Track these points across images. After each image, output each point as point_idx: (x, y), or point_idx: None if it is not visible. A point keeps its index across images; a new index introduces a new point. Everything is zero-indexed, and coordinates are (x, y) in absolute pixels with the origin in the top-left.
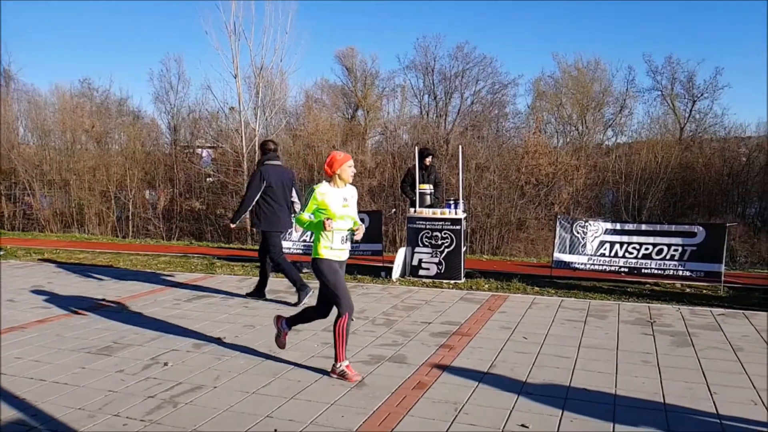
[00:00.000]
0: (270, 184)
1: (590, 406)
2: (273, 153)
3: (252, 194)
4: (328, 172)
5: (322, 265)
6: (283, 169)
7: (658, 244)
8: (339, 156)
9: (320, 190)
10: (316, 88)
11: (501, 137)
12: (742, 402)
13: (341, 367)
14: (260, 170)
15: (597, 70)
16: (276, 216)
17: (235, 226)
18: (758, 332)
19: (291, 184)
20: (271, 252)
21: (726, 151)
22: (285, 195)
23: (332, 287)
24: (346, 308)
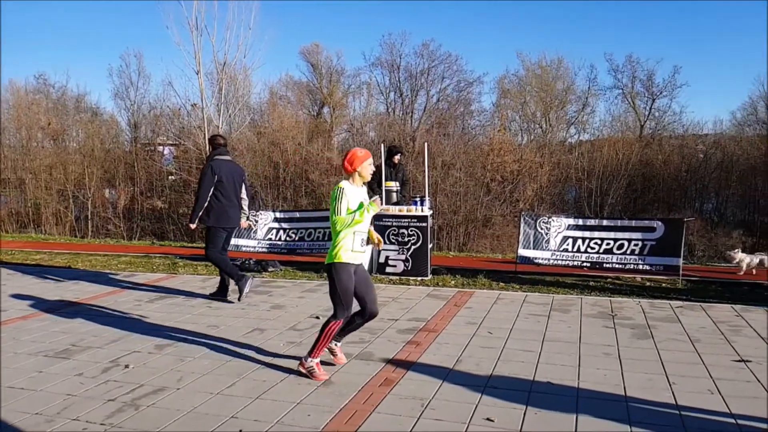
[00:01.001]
0: (221, 179)
1: (554, 398)
2: (223, 148)
3: (206, 190)
4: (348, 169)
5: (341, 269)
6: (233, 164)
7: (619, 239)
8: (360, 153)
9: (346, 189)
10: (281, 84)
11: (467, 135)
12: (700, 391)
13: (312, 363)
14: (211, 165)
15: (560, 69)
16: (224, 212)
17: (195, 225)
18: (715, 324)
19: (241, 181)
20: (208, 247)
21: (684, 148)
22: (235, 191)
23: (341, 291)
24: (343, 315)
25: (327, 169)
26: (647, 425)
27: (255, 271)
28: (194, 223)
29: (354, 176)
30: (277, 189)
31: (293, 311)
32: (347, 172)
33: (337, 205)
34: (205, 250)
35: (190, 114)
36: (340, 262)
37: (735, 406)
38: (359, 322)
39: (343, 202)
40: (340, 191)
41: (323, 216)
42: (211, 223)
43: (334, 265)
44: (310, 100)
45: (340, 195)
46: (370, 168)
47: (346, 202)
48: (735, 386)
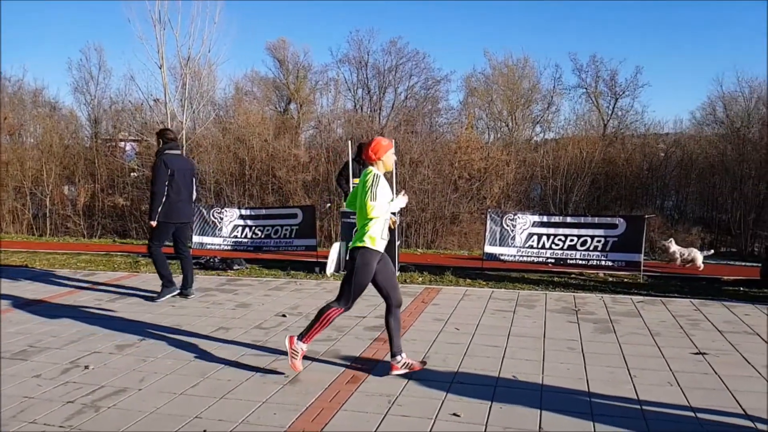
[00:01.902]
0: (173, 173)
1: (519, 393)
2: (173, 142)
3: (161, 184)
4: (372, 158)
5: (369, 255)
6: (184, 159)
7: (583, 235)
8: (384, 142)
9: (380, 175)
10: (247, 80)
11: (434, 132)
12: (660, 384)
13: (299, 347)
14: (162, 159)
15: (526, 68)
16: (175, 207)
17: (156, 223)
18: (674, 318)
19: (192, 175)
20: (151, 242)
21: (646, 147)
22: (187, 186)
23: (356, 282)
24: (345, 306)
25: (294, 166)
26: (609, 418)
27: (220, 270)
28: (155, 220)
29: (378, 165)
30: (243, 186)
31: (259, 310)
32: (371, 161)
33: (372, 190)
34: (148, 244)
35: (153, 109)
36: (374, 249)
37: (693, 398)
38: (391, 320)
39: (379, 188)
40: (376, 177)
41: (290, 213)
42: (160, 218)
43: (363, 249)
44: (276, 96)
45: (376, 181)
46: (393, 157)
47: (382, 189)
48: (693, 378)
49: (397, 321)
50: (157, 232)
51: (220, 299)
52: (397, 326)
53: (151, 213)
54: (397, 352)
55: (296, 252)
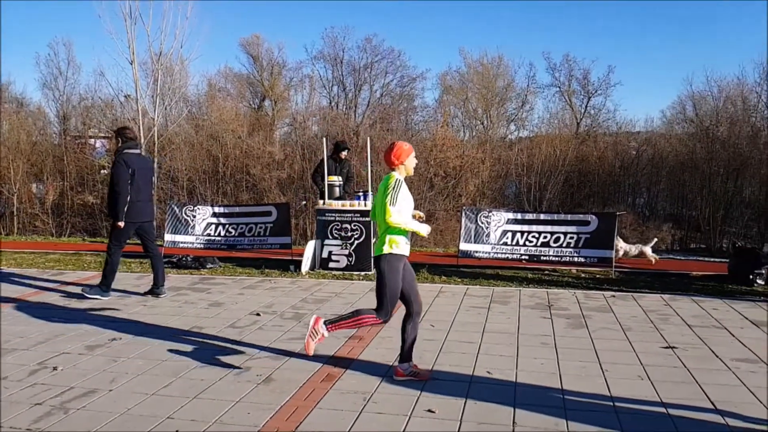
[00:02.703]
0: (133, 173)
1: (493, 389)
2: (132, 141)
3: (125, 184)
4: (394, 163)
5: (395, 261)
6: (143, 158)
7: (556, 232)
8: (405, 146)
9: (401, 180)
10: (220, 76)
11: (410, 130)
12: (631, 377)
13: (321, 330)
14: (123, 159)
15: (500, 67)
16: (136, 207)
17: (123, 223)
18: (645, 312)
19: (151, 174)
20: (111, 242)
21: (618, 145)
22: (147, 185)
23: (390, 288)
24: (384, 317)
25: (269, 164)
26: (581, 413)
27: (193, 268)
28: (122, 221)
29: (400, 169)
30: (216, 183)
31: (233, 308)
32: (393, 165)
33: (393, 194)
34: (108, 245)
35: (124, 105)
36: (400, 254)
37: (663, 391)
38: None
39: (400, 194)
40: (398, 182)
41: (264, 211)
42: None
43: (388, 256)
44: (250, 93)
45: (398, 185)
46: (414, 160)
47: (403, 195)
48: (663, 372)
49: (415, 329)
50: (119, 232)
51: (193, 298)
52: (413, 334)
53: (117, 214)
54: (406, 359)
55: (271, 250)
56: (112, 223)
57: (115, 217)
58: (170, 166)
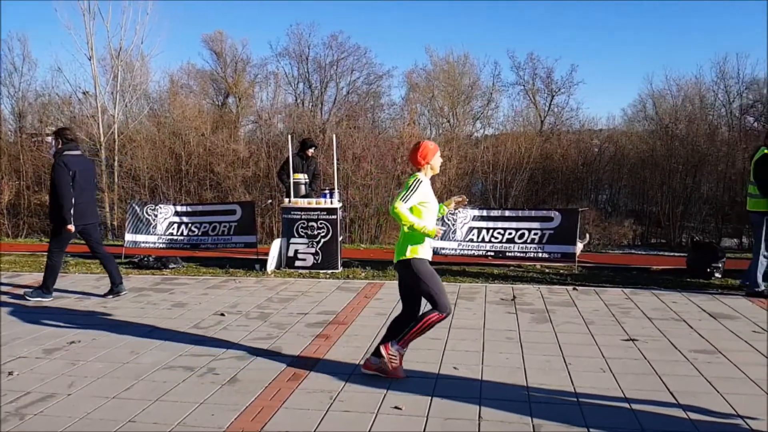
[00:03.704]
0: (74, 174)
1: (459, 384)
2: (73, 143)
3: (67, 187)
4: (420, 163)
5: (421, 265)
6: (85, 159)
7: (520, 228)
8: (431, 145)
9: (425, 182)
10: (183, 72)
11: (377, 128)
12: (593, 370)
13: (396, 351)
14: (62, 161)
15: (466, 65)
16: (78, 209)
17: (74, 227)
18: (607, 306)
19: (93, 175)
20: (52, 246)
21: (581, 143)
22: (89, 186)
23: (434, 287)
24: (446, 308)
25: (233, 161)
26: (545, 405)
27: (155, 269)
28: (71, 223)
29: (425, 169)
30: (179, 182)
31: (196, 309)
32: (419, 165)
33: (408, 194)
34: (50, 248)
35: (82, 102)
36: (419, 257)
37: (624, 383)
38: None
39: (416, 196)
40: (417, 182)
41: (229, 209)
42: (62, 221)
43: (414, 261)
44: (214, 90)
45: (416, 186)
46: (440, 160)
47: (419, 196)
48: (624, 364)
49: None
50: (61, 236)
51: (155, 299)
52: (399, 333)
53: (64, 217)
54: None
55: (235, 249)
56: (54, 226)
57: (62, 221)
58: (131, 164)
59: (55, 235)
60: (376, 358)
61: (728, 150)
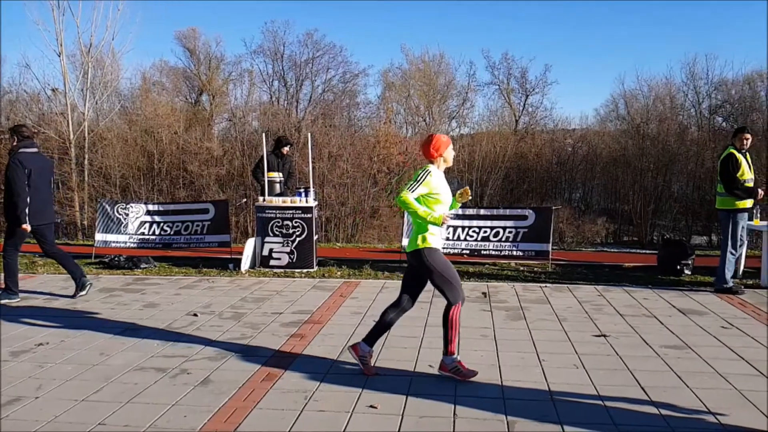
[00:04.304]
0: (30, 173)
1: (434, 382)
2: (29, 140)
3: (23, 186)
4: (433, 155)
5: (434, 255)
6: (42, 156)
7: (495, 227)
8: (444, 138)
9: (436, 174)
10: (155, 70)
11: (353, 126)
12: (567, 367)
13: (453, 362)
14: (18, 159)
15: (441, 64)
16: (32, 208)
17: (29, 226)
18: (580, 303)
19: (51, 174)
20: (7, 245)
21: (554, 142)
22: (46, 185)
23: (449, 276)
24: (460, 297)
25: (207, 160)
26: (519, 401)
27: (126, 269)
28: (26, 223)
29: (438, 162)
30: (151, 180)
31: (168, 309)
32: (432, 158)
33: (415, 184)
34: (5, 248)
35: (51, 99)
36: (431, 247)
37: (597, 379)
38: (393, 316)
39: (423, 186)
40: (425, 173)
41: (202, 208)
42: (31, 222)
43: (425, 251)
44: (187, 87)
45: (425, 176)
46: (452, 152)
47: (427, 187)
48: (597, 360)
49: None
50: (15, 236)
51: (126, 300)
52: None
53: (19, 216)
54: (371, 343)
55: (209, 249)
56: (8, 225)
57: (16, 221)
58: (102, 162)
59: (9, 234)
60: (448, 358)
61: (698, 149)
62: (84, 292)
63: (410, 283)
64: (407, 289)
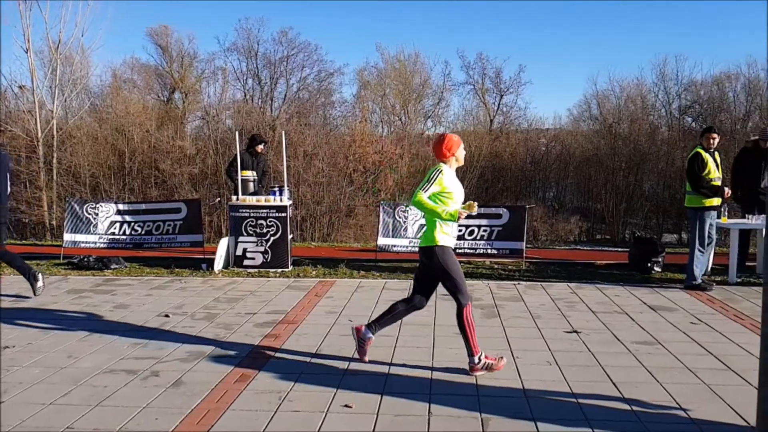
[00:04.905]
0: None
1: (409, 380)
2: None
3: None
4: (446, 155)
5: (445, 254)
6: None
7: (470, 225)
8: (455, 138)
9: (447, 173)
10: (126, 67)
11: (328, 125)
12: (540, 363)
13: (480, 360)
14: None
15: (417, 63)
16: None
17: None
18: (553, 301)
19: (7, 170)
20: None
21: (529, 142)
22: (1, 183)
23: (457, 277)
24: (468, 298)
25: (179, 159)
26: (493, 399)
27: (95, 269)
28: None
29: (450, 161)
30: (122, 180)
31: (139, 310)
32: (444, 158)
33: (427, 184)
34: None
35: (19, 97)
36: (443, 246)
37: (569, 375)
38: (401, 310)
39: (435, 186)
40: (438, 173)
41: (173, 207)
42: None
43: (436, 248)
44: (159, 85)
45: (436, 176)
46: (463, 152)
47: (440, 186)
48: (570, 356)
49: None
50: None
51: (96, 301)
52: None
53: None
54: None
55: (181, 249)
56: None
57: None
58: (71, 161)
59: None
60: (474, 358)
61: (668, 149)
62: (40, 282)
63: (422, 281)
64: (419, 287)
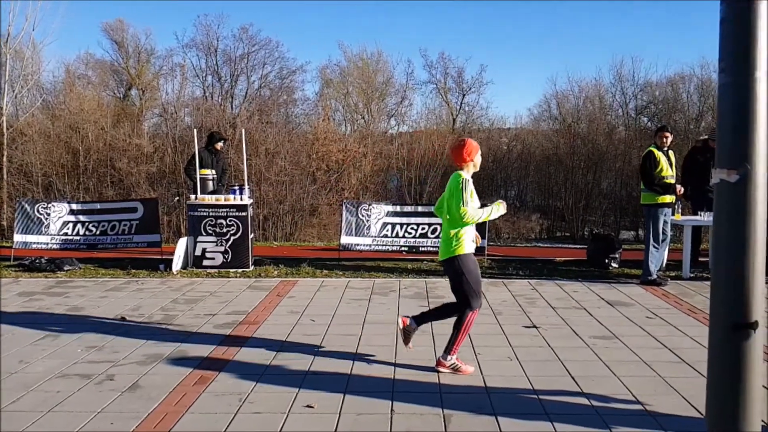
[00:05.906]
0: None
1: (372, 380)
2: None
3: None
4: (465, 159)
5: (469, 260)
6: None
7: (433, 223)
8: (474, 143)
9: (469, 179)
10: (80, 62)
11: (291, 123)
12: (501, 359)
13: (453, 360)
14: None
15: (379, 62)
16: None
17: None
18: (514, 297)
19: None
20: None
21: (490, 140)
22: None
23: (472, 281)
24: (477, 304)
25: (136, 157)
26: (455, 395)
27: (48, 271)
28: None
29: (468, 167)
30: (77, 178)
31: (94, 313)
32: (463, 162)
33: (464, 196)
34: None
35: None
36: (467, 253)
37: (530, 370)
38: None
39: (469, 192)
40: (465, 182)
41: (129, 207)
42: None
43: (459, 257)
44: (115, 81)
45: (465, 185)
46: (480, 158)
47: (472, 191)
48: (530, 352)
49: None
50: None
51: (48, 304)
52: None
53: None
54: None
55: (138, 249)
56: None
57: None
58: (22, 159)
59: None
60: (448, 356)
61: (625, 148)
62: None
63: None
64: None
